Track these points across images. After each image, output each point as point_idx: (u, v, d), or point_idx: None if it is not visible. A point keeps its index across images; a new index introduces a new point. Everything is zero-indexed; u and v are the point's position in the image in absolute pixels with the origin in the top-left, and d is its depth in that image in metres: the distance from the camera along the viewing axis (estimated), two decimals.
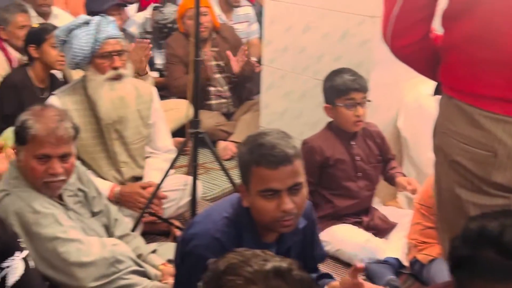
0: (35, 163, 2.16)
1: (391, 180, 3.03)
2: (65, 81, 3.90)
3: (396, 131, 3.43)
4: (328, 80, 2.90)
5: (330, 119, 2.96)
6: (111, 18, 2.97)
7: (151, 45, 3.78)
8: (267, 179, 1.73)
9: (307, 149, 2.86)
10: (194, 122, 2.96)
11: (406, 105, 3.37)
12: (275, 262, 1.21)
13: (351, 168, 2.95)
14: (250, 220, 1.84)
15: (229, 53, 4.25)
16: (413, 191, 2.88)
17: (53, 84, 3.57)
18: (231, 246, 1.80)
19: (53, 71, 3.64)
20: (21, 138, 2.18)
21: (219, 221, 1.84)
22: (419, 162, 3.29)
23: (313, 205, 2.10)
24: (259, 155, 1.74)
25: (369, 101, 2.89)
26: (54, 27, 3.45)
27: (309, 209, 2.01)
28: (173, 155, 3.12)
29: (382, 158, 3.05)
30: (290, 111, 3.61)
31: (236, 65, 4.25)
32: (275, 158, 1.73)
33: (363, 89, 2.86)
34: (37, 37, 3.46)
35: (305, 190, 1.81)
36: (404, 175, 3.04)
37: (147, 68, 3.88)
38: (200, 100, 3.12)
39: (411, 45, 1.75)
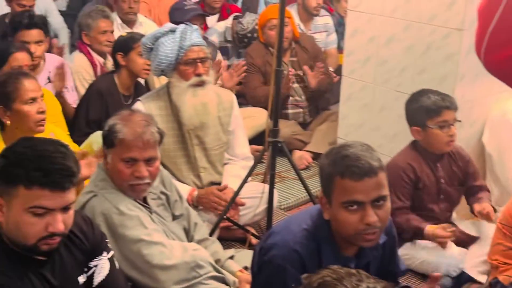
0: (122, 166, 2.23)
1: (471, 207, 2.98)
2: (148, 88, 4.01)
3: (480, 147, 3.33)
4: (414, 102, 2.83)
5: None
6: (195, 26, 3.04)
7: (225, 65, 3.86)
8: (351, 190, 1.72)
9: (398, 169, 2.82)
10: (273, 131, 2.97)
11: (492, 120, 3.27)
12: (369, 283, 1.18)
13: (435, 190, 2.90)
14: (330, 233, 1.82)
15: (306, 68, 4.24)
16: (488, 219, 2.81)
17: (138, 91, 3.67)
18: (309, 258, 1.80)
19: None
20: (109, 141, 2.26)
21: (298, 232, 1.83)
22: (504, 180, 3.19)
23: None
24: (343, 166, 1.72)
25: (459, 121, 2.81)
26: (142, 36, 3.55)
27: (389, 225, 1.98)
28: (250, 163, 3.15)
29: (466, 182, 2.98)
30: (368, 123, 3.57)
31: (313, 80, 4.23)
32: (360, 169, 1.71)
33: (454, 107, 2.79)
34: (125, 45, 3.57)
35: (388, 204, 1.78)
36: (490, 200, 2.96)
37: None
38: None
39: (507, 60, 1.70)
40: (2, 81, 2.58)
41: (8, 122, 2.55)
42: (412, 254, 2.86)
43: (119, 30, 4.36)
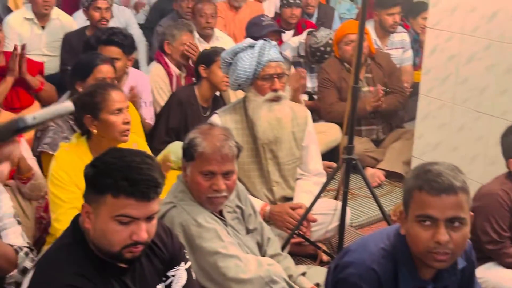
0: (200, 179, 2.28)
1: None
2: (224, 101, 4.08)
3: None
4: (510, 134, 2.72)
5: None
6: (273, 42, 3.07)
7: (305, 75, 3.86)
8: (426, 205, 1.70)
9: (494, 196, 2.71)
10: (348, 148, 2.96)
11: None
12: None
13: None
14: (408, 254, 1.80)
15: (379, 87, 4.20)
16: None
17: (216, 104, 3.76)
18: (386, 278, 1.78)
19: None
20: (189, 154, 2.31)
21: (376, 252, 1.82)
22: None
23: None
24: (423, 179, 1.72)
25: None
26: (223, 50, 3.63)
27: (469, 250, 1.93)
28: (323, 179, 3.14)
29: None
30: (445, 143, 3.50)
31: (371, 102, 4.15)
32: (439, 184, 1.69)
33: None
34: (208, 58, 3.69)
35: (466, 230, 1.74)
36: None
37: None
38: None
39: None
40: (91, 91, 2.69)
41: (95, 131, 2.64)
42: (487, 277, 2.76)
43: (200, 45, 4.45)
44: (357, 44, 2.88)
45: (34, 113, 0.87)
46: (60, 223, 2.47)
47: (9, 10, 5.19)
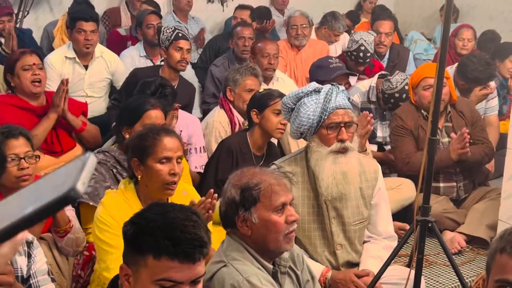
0: (275, 217, 2.26)
1: None
2: (281, 150, 4.06)
3: None
4: None
5: None
6: (341, 87, 3.06)
7: (373, 120, 3.81)
8: (506, 268, 1.67)
9: None
10: (424, 208, 2.88)
11: None
12: None
13: None
14: None
15: (464, 130, 4.10)
16: None
17: (271, 153, 3.74)
18: None
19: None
20: (250, 199, 2.26)
21: None
22: None
23: None
24: (506, 240, 1.69)
25: None
26: (279, 93, 3.63)
27: None
28: (394, 243, 3.07)
29: None
30: None
31: (455, 149, 4.02)
32: None
33: None
34: (261, 102, 3.68)
35: None
36: None
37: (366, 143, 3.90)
38: None
39: None
40: (143, 133, 2.75)
41: (140, 176, 2.68)
42: None
43: None
44: (435, 89, 2.82)
45: (81, 177, 0.86)
46: (111, 272, 2.46)
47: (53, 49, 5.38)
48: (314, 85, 3.03)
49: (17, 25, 5.86)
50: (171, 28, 4.54)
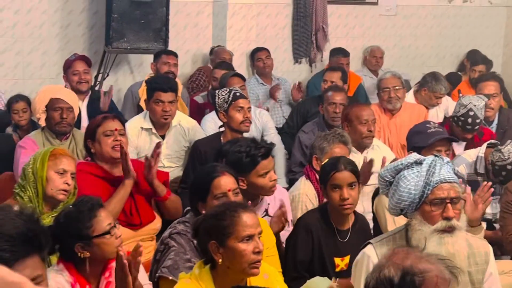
0: None
1: None
2: (376, 227, 4.02)
3: None
4: None
5: None
6: (446, 158, 3.03)
7: (492, 189, 3.75)
8: None
9: None
10: None
11: None
12: None
13: None
14: None
15: None
16: None
17: (358, 227, 3.70)
18: None
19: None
20: None
21: None
22: None
23: None
24: None
25: None
26: (347, 162, 3.65)
27: None
28: None
29: None
30: None
31: None
32: None
33: None
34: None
35: None
36: None
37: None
38: None
39: None
40: (219, 212, 2.77)
41: (220, 260, 2.70)
42: None
43: (352, 156, 4.48)
44: None
45: None
46: None
47: (140, 109, 5.59)
48: (414, 156, 3.02)
49: (96, 88, 6.16)
50: (226, 90, 4.65)
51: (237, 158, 3.70)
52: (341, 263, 3.66)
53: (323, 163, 3.82)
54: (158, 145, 4.00)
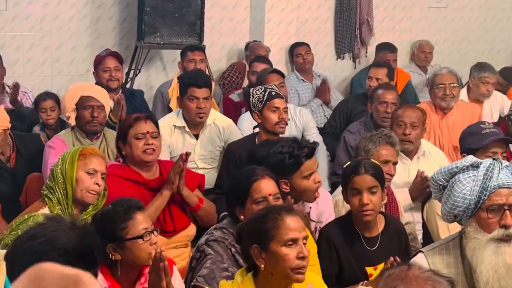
0: None
1: None
2: (427, 234, 3.96)
3: None
4: None
5: None
6: (505, 162, 3.00)
7: None
8: None
9: None
10: None
11: None
12: None
13: None
14: None
15: None
16: None
17: (388, 232, 3.64)
18: None
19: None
20: None
21: None
22: None
23: None
24: None
25: None
26: (369, 165, 3.60)
27: None
28: None
29: None
30: None
31: None
32: None
33: None
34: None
35: None
36: None
37: None
38: None
39: None
40: (262, 215, 2.78)
41: (262, 265, 2.70)
42: None
43: (399, 161, 4.42)
44: None
45: None
46: None
47: (171, 111, 5.57)
48: (471, 158, 3.00)
49: (128, 85, 6.18)
50: (261, 88, 4.61)
51: (279, 159, 3.66)
52: (374, 272, 3.57)
53: (345, 166, 3.77)
54: (182, 157, 3.90)
